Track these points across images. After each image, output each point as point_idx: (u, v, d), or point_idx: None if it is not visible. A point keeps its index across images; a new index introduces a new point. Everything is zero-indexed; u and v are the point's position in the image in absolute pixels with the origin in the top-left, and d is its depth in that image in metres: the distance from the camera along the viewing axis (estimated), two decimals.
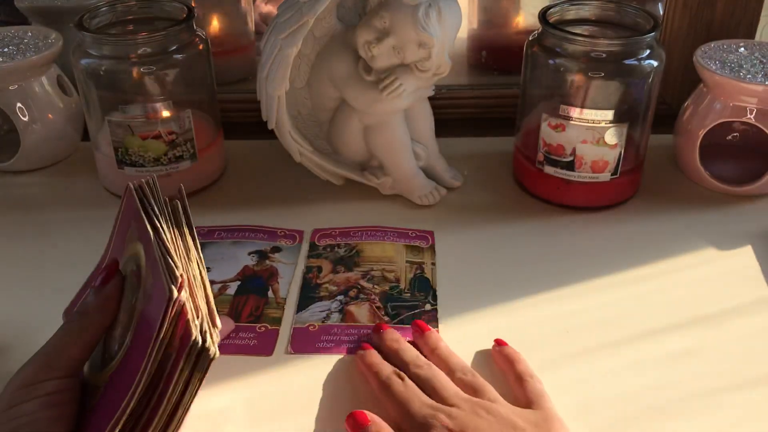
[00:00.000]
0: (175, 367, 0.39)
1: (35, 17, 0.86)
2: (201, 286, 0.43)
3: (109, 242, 0.50)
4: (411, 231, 0.67)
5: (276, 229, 0.67)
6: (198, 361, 0.39)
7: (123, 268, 0.45)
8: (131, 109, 0.67)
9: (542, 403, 0.47)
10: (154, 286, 0.41)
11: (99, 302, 0.43)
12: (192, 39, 0.69)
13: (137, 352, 0.40)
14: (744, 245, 0.65)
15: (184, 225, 0.45)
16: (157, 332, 0.38)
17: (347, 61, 0.67)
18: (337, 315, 0.57)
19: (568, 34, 0.65)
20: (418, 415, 0.45)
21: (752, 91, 0.67)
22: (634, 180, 0.71)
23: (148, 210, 0.44)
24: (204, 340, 0.39)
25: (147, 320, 0.40)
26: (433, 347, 0.52)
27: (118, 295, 0.44)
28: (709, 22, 0.79)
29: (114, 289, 0.44)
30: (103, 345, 0.44)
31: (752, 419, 0.49)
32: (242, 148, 0.79)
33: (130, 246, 0.45)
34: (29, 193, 0.75)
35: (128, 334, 0.42)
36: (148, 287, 0.42)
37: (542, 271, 0.62)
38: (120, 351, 0.42)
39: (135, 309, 0.42)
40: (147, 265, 0.42)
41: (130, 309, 0.43)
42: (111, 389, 0.41)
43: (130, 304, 0.43)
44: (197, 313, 0.40)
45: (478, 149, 0.80)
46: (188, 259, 0.43)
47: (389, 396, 0.47)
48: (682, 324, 0.56)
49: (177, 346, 0.39)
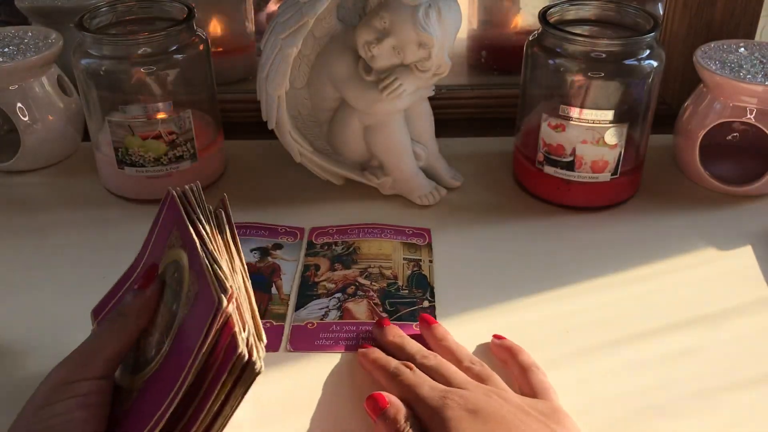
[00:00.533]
0: (217, 379, 0.38)
1: (35, 17, 0.86)
2: (246, 299, 0.42)
3: (145, 245, 0.49)
4: (407, 228, 0.67)
5: (277, 226, 0.67)
6: (242, 374, 0.39)
7: (162, 273, 0.45)
8: (131, 109, 0.67)
9: (548, 394, 0.47)
10: (199, 294, 0.40)
11: (137, 305, 0.43)
12: (192, 39, 0.69)
13: (177, 360, 0.39)
14: (744, 245, 0.65)
15: (228, 235, 0.45)
16: (201, 341, 0.38)
17: (347, 62, 0.67)
18: (335, 312, 0.58)
19: (568, 35, 0.65)
20: (430, 397, 0.44)
21: (752, 91, 0.67)
22: (634, 180, 0.71)
23: (193, 218, 0.44)
24: (250, 355, 0.38)
25: (189, 328, 0.40)
26: (441, 338, 0.52)
27: (156, 299, 0.44)
28: (709, 22, 0.79)
29: (153, 293, 0.44)
30: (137, 348, 0.44)
31: (752, 419, 0.49)
32: (242, 148, 0.79)
33: (172, 252, 0.45)
34: (29, 193, 0.75)
35: (167, 340, 0.41)
36: (191, 295, 0.41)
37: (542, 271, 0.62)
38: (158, 356, 0.41)
39: (175, 316, 0.42)
40: (191, 273, 0.42)
41: (170, 315, 0.42)
42: (148, 394, 0.40)
43: (170, 310, 0.43)
44: (243, 326, 0.39)
45: (478, 149, 0.80)
46: (233, 270, 0.42)
47: (399, 385, 0.47)
48: (682, 324, 0.56)
49: (220, 357, 0.38)
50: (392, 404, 0.45)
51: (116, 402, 0.42)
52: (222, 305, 0.38)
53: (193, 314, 0.40)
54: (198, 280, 0.41)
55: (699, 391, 0.50)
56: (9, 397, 0.50)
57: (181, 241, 0.44)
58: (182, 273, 0.43)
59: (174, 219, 0.46)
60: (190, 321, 0.40)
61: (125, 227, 0.68)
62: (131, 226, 0.68)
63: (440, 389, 0.45)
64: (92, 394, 0.40)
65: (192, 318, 0.40)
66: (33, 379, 0.52)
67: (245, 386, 0.39)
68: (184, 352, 0.39)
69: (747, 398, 0.50)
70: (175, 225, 0.45)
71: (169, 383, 0.39)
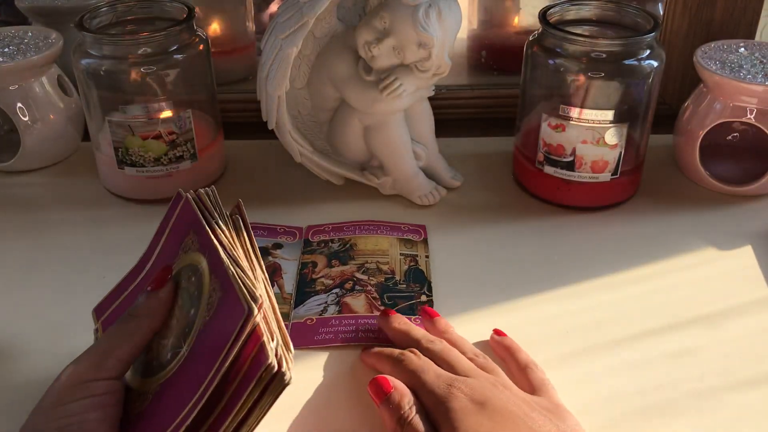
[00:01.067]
0: (242, 388, 0.38)
1: (36, 17, 0.86)
2: (270, 308, 0.41)
3: (152, 246, 0.49)
4: (403, 225, 0.67)
5: (276, 226, 0.67)
6: (269, 385, 0.38)
7: (176, 275, 0.45)
8: (131, 109, 0.67)
9: (548, 390, 0.47)
10: (223, 301, 0.40)
11: (150, 306, 0.43)
12: (192, 39, 0.69)
13: (198, 366, 0.39)
14: (744, 245, 0.65)
15: (248, 241, 0.44)
16: (229, 348, 0.37)
17: (347, 62, 0.67)
18: (334, 307, 0.58)
19: (568, 35, 0.65)
20: (435, 385, 0.44)
21: (752, 91, 0.67)
22: (634, 180, 0.71)
23: (212, 223, 0.43)
24: (279, 365, 0.38)
25: (212, 335, 0.39)
26: (443, 331, 0.52)
27: (170, 301, 0.43)
28: (709, 22, 0.79)
29: (166, 295, 0.43)
30: (148, 351, 0.43)
31: (752, 419, 0.49)
32: (242, 148, 0.79)
33: (188, 256, 0.44)
34: (29, 193, 0.75)
35: (185, 345, 0.41)
36: (212, 301, 0.41)
37: (542, 271, 0.62)
38: (174, 361, 0.41)
39: (193, 321, 0.41)
40: (212, 279, 0.41)
41: (186, 320, 0.42)
42: (165, 398, 0.40)
43: (186, 313, 0.42)
44: (272, 336, 0.39)
45: (478, 149, 0.80)
46: (255, 279, 0.42)
47: (403, 370, 0.46)
48: (682, 324, 0.56)
49: (245, 366, 0.38)
50: (397, 389, 0.44)
51: (128, 403, 0.41)
52: (253, 313, 0.37)
53: (216, 321, 0.40)
54: (222, 286, 0.40)
55: (699, 391, 0.50)
56: (9, 397, 0.51)
57: (198, 245, 0.44)
58: (201, 278, 0.42)
59: (189, 222, 0.45)
60: (213, 327, 0.40)
61: (125, 227, 0.68)
62: (131, 226, 0.68)
63: (446, 377, 0.44)
64: (106, 394, 0.40)
65: (215, 324, 0.40)
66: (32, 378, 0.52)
67: (273, 396, 0.38)
68: (206, 359, 0.38)
69: (747, 398, 0.50)
70: (191, 228, 0.45)
71: (191, 389, 0.38)
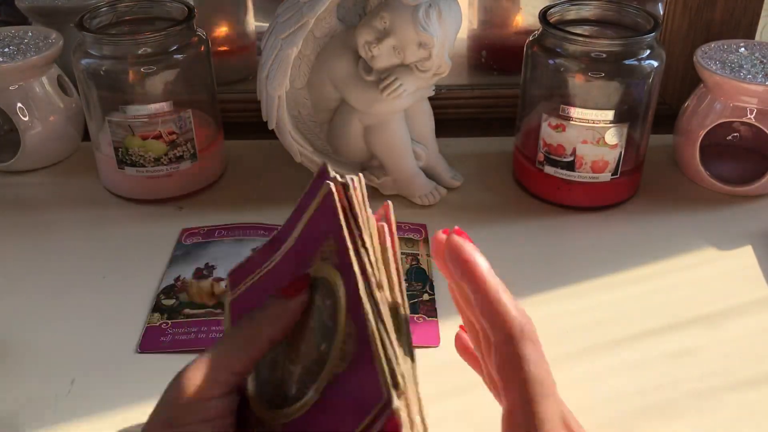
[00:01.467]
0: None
1: (35, 17, 0.86)
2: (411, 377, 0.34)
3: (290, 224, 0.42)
4: (403, 224, 0.67)
5: (276, 226, 0.67)
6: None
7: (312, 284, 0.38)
8: (131, 109, 0.67)
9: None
10: (358, 361, 0.34)
11: (275, 315, 0.38)
12: (192, 39, 0.69)
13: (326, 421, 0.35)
14: (744, 245, 0.65)
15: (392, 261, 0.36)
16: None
17: (347, 62, 0.67)
18: None
19: (569, 35, 0.65)
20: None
21: (752, 91, 0.67)
22: (634, 180, 0.71)
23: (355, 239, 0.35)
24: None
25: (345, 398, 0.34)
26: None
27: (298, 315, 0.38)
28: (709, 22, 0.79)
29: (297, 307, 0.38)
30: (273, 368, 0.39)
31: (752, 419, 0.49)
32: (242, 148, 0.79)
33: (325, 265, 0.38)
34: (29, 193, 0.75)
35: (312, 387, 0.36)
36: (347, 350, 0.35)
37: (542, 271, 0.62)
38: (302, 401, 0.36)
39: (324, 359, 0.36)
40: (348, 320, 0.35)
41: (316, 352, 0.37)
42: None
43: (317, 347, 0.37)
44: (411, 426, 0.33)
45: (478, 149, 0.80)
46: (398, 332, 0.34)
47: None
48: (682, 324, 0.56)
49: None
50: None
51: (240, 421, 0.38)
52: (392, 404, 0.32)
53: (349, 384, 0.35)
54: (358, 338, 0.34)
55: (699, 391, 0.50)
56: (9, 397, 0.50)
57: (337, 260, 0.37)
58: (337, 312, 0.36)
59: (330, 223, 0.37)
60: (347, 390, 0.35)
61: (125, 227, 0.68)
62: (131, 226, 0.68)
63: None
64: (220, 418, 0.37)
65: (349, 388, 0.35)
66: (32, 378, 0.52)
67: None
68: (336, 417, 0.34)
69: (747, 398, 0.50)
70: (330, 233, 0.37)
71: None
